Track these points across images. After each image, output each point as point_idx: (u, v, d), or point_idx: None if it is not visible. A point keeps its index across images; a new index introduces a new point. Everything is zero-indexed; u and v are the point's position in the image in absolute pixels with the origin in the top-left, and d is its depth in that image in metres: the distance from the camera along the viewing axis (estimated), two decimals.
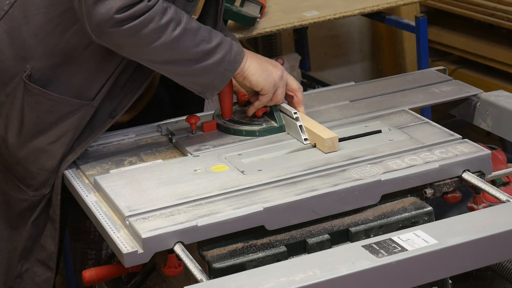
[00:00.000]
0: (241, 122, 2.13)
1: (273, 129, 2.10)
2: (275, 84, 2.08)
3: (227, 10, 2.77)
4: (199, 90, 2.02)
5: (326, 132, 2.00)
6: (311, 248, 1.77)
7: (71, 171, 2.04)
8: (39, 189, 2.06)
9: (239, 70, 2.02)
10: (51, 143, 2.03)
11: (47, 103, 2.01)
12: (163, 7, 1.90)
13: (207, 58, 1.95)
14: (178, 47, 1.92)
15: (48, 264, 2.12)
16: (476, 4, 3.95)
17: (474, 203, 1.95)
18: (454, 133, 2.05)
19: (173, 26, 1.90)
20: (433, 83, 2.40)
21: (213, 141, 2.08)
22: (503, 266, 2.05)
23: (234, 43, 2.02)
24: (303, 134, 2.04)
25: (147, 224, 1.72)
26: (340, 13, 3.03)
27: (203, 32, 1.96)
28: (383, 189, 1.85)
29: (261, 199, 1.79)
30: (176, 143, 2.11)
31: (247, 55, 2.04)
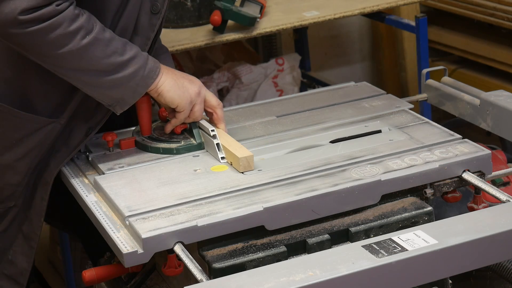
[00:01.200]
0: (159, 140, 2.08)
1: (192, 146, 2.05)
2: (191, 101, 2.02)
3: (227, 10, 2.77)
4: (108, 103, 1.96)
5: (242, 150, 1.95)
6: (311, 248, 1.77)
7: (71, 171, 2.04)
8: (4, 202, 2.05)
9: (153, 86, 1.97)
10: (18, 160, 2.01)
11: (13, 120, 1.98)
12: (74, 14, 1.84)
13: (118, 71, 1.90)
14: (87, 56, 1.86)
15: (18, 280, 2.09)
16: (476, 4, 3.95)
17: (474, 203, 1.94)
18: (454, 133, 2.05)
19: (82, 34, 1.84)
20: (365, 97, 2.34)
21: (128, 158, 2.04)
22: (503, 266, 2.05)
23: (150, 58, 1.97)
24: (220, 152, 2.00)
25: (147, 224, 1.72)
26: (340, 13, 3.03)
27: (116, 44, 1.90)
28: (383, 189, 1.85)
29: (261, 199, 1.79)
30: (91, 161, 2.06)
31: (162, 71, 1.98)
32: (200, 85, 2.05)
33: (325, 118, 2.22)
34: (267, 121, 2.23)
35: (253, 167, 1.93)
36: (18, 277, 2.09)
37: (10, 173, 2.02)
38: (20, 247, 2.08)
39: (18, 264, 2.08)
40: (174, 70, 2.05)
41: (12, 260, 2.09)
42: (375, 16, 3.40)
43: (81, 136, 2.04)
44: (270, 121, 2.23)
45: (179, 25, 2.95)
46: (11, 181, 2.03)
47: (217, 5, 2.77)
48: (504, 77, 3.98)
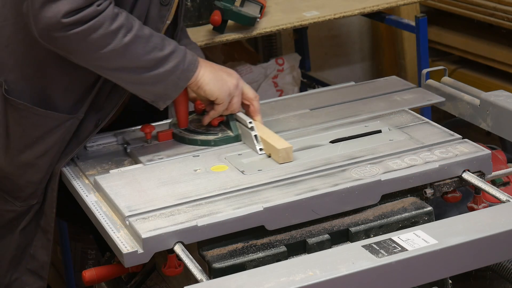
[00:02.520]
0: (196, 132, 2.10)
1: (229, 138, 2.07)
2: (230, 93, 2.04)
3: (227, 10, 2.77)
4: (151, 99, 1.98)
5: (280, 142, 1.97)
6: (311, 248, 1.77)
7: (71, 171, 2.04)
8: (27, 200, 2.06)
9: (193, 79, 1.99)
10: (38, 157, 2.01)
11: (33, 118, 1.99)
12: (114, 13, 1.86)
13: (159, 66, 1.92)
14: (129, 54, 1.88)
15: (40, 274, 2.10)
16: (476, 4, 3.95)
17: (474, 203, 1.94)
18: (454, 133, 2.05)
19: (123, 32, 1.86)
20: (396, 91, 2.37)
21: (167, 150, 2.06)
22: (503, 266, 2.05)
23: (188, 51, 1.99)
24: (258, 144, 2.01)
25: (147, 224, 1.72)
26: (340, 13, 3.03)
27: (156, 39, 1.92)
28: (383, 189, 1.85)
29: (261, 199, 1.79)
30: (130, 153, 2.08)
31: (201, 64, 2.00)
32: (238, 77, 2.08)
33: (358, 111, 2.24)
34: (301, 114, 2.25)
35: (292, 158, 1.94)
36: (40, 271, 2.11)
37: (31, 171, 2.03)
38: (40, 241, 2.09)
39: (39, 258, 2.10)
40: (212, 63, 2.07)
41: (33, 254, 2.10)
42: (375, 16, 3.40)
43: (91, 128, 2.05)
44: (304, 114, 2.25)
45: None
46: (33, 179, 2.04)
47: (217, 5, 2.77)
48: (504, 77, 3.98)
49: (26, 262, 2.11)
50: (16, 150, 2.02)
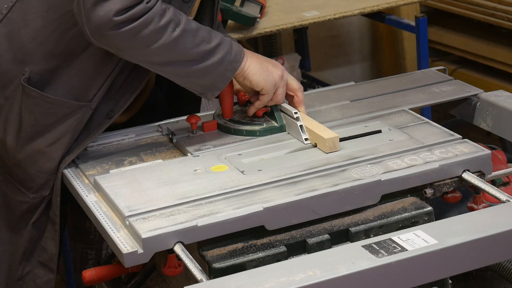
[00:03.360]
0: (241, 122, 2.13)
1: (274, 129, 2.10)
2: (275, 84, 2.08)
3: (227, 10, 2.77)
4: (200, 91, 2.02)
5: (327, 132, 2.00)
6: (311, 248, 1.77)
7: (71, 171, 2.04)
8: (39, 191, 2.06)
9: (240, 70, 2.02)
10: (50, 145, 2.02)
11: (44, 106, 2.00)
12: (162, 9, 1.89)
13: (207, 58, 1.95)
14: (178, 48, 1.91)
15: (49, 265, 2.11)
16: (476, 4, 3.95)
17: (474, 203, 1.95)
18: (454, 133, 2.05)
19: (172, 27, 1.90)
20: (434, 83, 2.39)
21: (213, 141, 2.08)
22: (503, 266, 2.05)
23: (234, 43, 2.02)
24: (304, 134, 2.04)
25: (147, 224, 1.72)
26: (340, 13, 3.03)
27: (203, 32, 1.95)
28: (383, 189, 1.85)
29: (261, 199, 1.79)
30: (176, 143, 2.10)
31: (247, 55, 2.04)
32: (283, 68, 2.10)
33: (398, 102, 2.26)
34: (342, 105, 2.28)
35: (339, 147, 1.96)
36: (49, 263, 2.11)
37: (43, 160, 2.04)
38: (49, 232, 2.10)
39: (49, 250, 2.11)
40: (257, 54, 2.09)
41: (44, 246, 2.11)
42: (375, 16, 3.41)
43: (102, 119, 2.05)
44: (345, 105, 2.27)
45: None
46: (44, 168, 2.04)
47: None
48: (504, 77, 3.99)
49: (37, 254, 2.12)
50: (27, 137, 2.03)
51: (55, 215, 2.07)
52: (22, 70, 2.01)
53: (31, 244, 2.11)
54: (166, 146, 2.12)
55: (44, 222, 2.10)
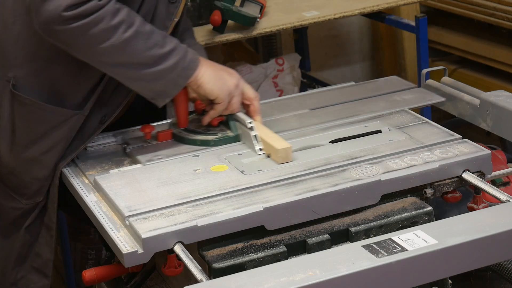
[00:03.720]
0: (196, 132, 2.10)
1: (228, 138, 2.07)
2: (230, 93, 2.04)
3: (227, 10, 2.77)
4: (150, 96, 1.98)
5: (280, 142, 1.96)
6: (311, 248, 1.77)
7: (70, 171, 2.04)
8: (32, 197, 2.06)
9: (193, 78, 1.98)
10: (44, 153, 2.02)
11: (38, 113, 1.99)
12: (115, 8, 1.86)
13: (160, 63, 1.92)
14: (129, 50, 1.89)
15: (44, 271, 2.11)
16: (476, 4, 3.95)
17: (474, 203, 1.95)
18: (454, 133, 2.05)
19: (124, 28, 1.87)
20: (397, 91, 2.37)
21: (166, 150, 2.05)
22: (503, 266, 2.05)
23: (189, 50, 1.99)
24: (258, 144, 2.01)
25: (147, 224, 1.72)
26: (340, 13, 3.02)
27: (157, 36, 1.92)
28: (383, 189, 1.85)
29: (261, 199, 1.79)
30: (129, 153, 2.08)
31: (202, 63, 2.00)
32: (238, 77, 2.08)
33: (358, 111, 2.24)
34: (301, 114, 2.25)
35: (292, 158, 1.94)
36: (44, 269, 2.11)
37: (37, 167, 2.03)
38: (44, 238, 2.10)
39: (43, 255, 2.10)
40: (212, 62, 2.07)
41: (38, 252, 2.11)
42: (375, 16, 3.40)
43: (95, 125, 2.05)
44: (304, 113, 2.25)
45: None
46: (39, 176, 2.04)
47: (217, 5, 2.77)
48: (504, 77, 3.98)
49: (31, 260, 2.11)
50: (21, 145, 2.03)
51: (51, 221, 2.07)
52: (5, 75, 2.00)
53: (24, 249, 2.10)
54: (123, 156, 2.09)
55: (37, 227, 2.09)
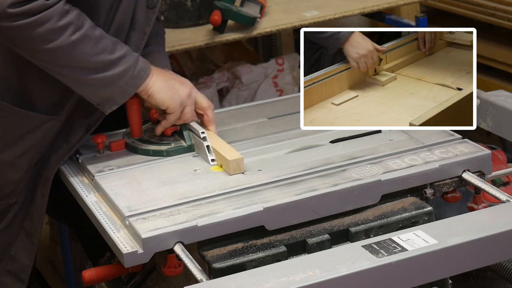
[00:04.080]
0: (149, 142, 2.07)
1: (182, 149, 2.04)
2: (182, 103, 2.02)
3: (227, 10, 2.77)
4: (97, 102, 1.95)
5: (232, 153, 1.94)
6: (311, 248, 1.77)
7: (70, 171, 2.04)
8: (5, 199, 2.05)
9: (143, 87, 1.96)
10: (18, 157, 2.01)
11: (12, 118, 1.98)
12: (63, 9, 1.83)
13: (107, 69, 1.89)
14: (76, 53, 1.86)
15: (20, 276, 2.09)
16: (476, 4, 3.95)
17: (474, 203, 1.94)
18: (454, 133, 2.05)
19: (71, 30, 1.84)
20: None
21: (118, 160, 2.03)
22: (503, 266, 2.05)
23: (141, 58, 1.96)
24: (210, 154, 1.99)
25: (147, 224, 1.72)
26: (340, 13, 3.02)
27: (106, 41, 1.90)
28: (383, 189, 1.85)
29: (261, 199, 1.79)
30: (81, 163, 2.05)
31: (153, 72, 1.97)
32: (190, 86, 2.05)
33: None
34: (258, 123, 2.22)
35: (243, 169, 1.92)
36: (20, 274, 2.09)
37: (11, 171, 2.02)
38: (22, 243, 2.08)
39: (20, 260, 2.09)
40: (164, 71, 2.04)
41: (14, 256, 2.09)
42: (375, 16, 3.40)
43: (82, 133, 2.04)
44: (261, 123, 2.22)
45: (179, 25, 2.95)
46: (13, 178, 2.03)
47: (217, 5, 2.77)
48: (504, 77, 3.98)
49: (6, 263, 2.09)
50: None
51: (35, 229, 2.06)
52: None
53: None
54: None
55: (15, 231, 2.08)
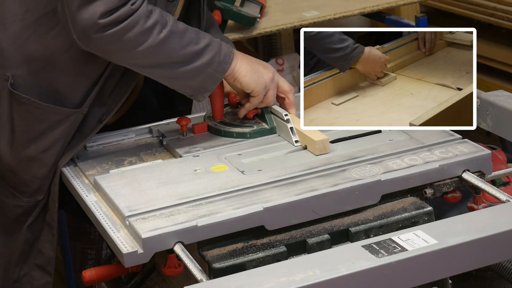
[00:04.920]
0: (232, 124, 2.12)
1: (264, 131, 2.09)
2: (266, 86, 2.06)
3: (227, 10, 2.77)
4: (190, 93, 2.00)
5: (317, 134, 1.99)
6: (311, 248, 1.77)
7: (70, 171, 2.04)
8: (33, 195, 2.06)
9: (230, 71, 2.00)
10: (43, 152, 2.02)
11: (36, 112, 2.00)
12: (148, 10, 1.88)
13: (196, 59, 1.93)
14: (165, 50, 1.90)
15: (46, 268, 2.11)
16: (476, 4, 3.95)
17: (474, 203, 1.95)
18: (454, 133, 2.05)
19: (158, 29, 1.88)
20: None
21: (203, 143, 2.07)
22: (503, 266, 2.05)
23: (223, 44, 2.00)
24: (294, 136, 2.03)
25: (147, 224, 1.72)
26: (340, 13, 3.03)
27: (190, 33, 1.94)
28: (383, 189, 1.85)
29: (261, 199, 1.79)
30: (166, 145, 2.09)
31: (237, 56, 2.02)
32: (273, 70, 2.09)
33: None
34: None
35: (329, 150, 1.95)
36: (46, 266, 2.11)
37: (36, 166, 2.03)
38: (46, 235, 2.10)
39: (45, 253, 2.11)
40: (247, 55, 2.08)
41: (40, 249, 2.11)
42: (375, 16, 3.40)
43: (94, 123, 2.05)
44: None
45: None
46: (38, 174, 2.04)
47: (217, 5, 2.77)
48: (504, 77, 3.99)
49: (34, 257, 2.12)
50: (20, 144, 2.03)
51: (52, 220, 2.07)
52: (3, 74, 2.00)
53: (26, 246, 2.11)
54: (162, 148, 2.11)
55: (40, 225, 2.10)
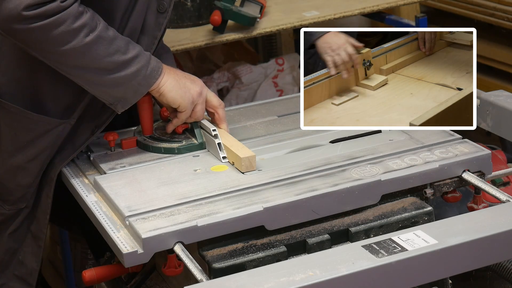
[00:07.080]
0: (160, 139, 2.09)
1: (193, 146, 2.06)
2: (193, 101, 2.02)
3: (227, 10, 2.77)
4: (110, 102, 1.96)
5: (244, 150, 1.95)
6: (311, 248, 1.77)
7: (70, 171, 2.04)
8: (16, 203, 2.06)
9: (155, 86, 1.96)
10: (29, 161, 2.01)
11: (24, 122, 1.99)
12: (78, 11, 1.84)
13: (121, 69, 1.90)
14: (90, 54, 1.86)
15: (28, 280, 2.10)
16: (476, 4, 3.95)
17: (474, 203, 1.95)
18: (454, 133, 2.05)
19: (86, 32, 1.84)
20: None
21: (130, 158, 2.04)
22: (503, 266, 2.05)
23: (153, 58, 1.97)
24: (222, 152, 2.00)
25: (147, 224, 1.72)
26: (340, 13, 3.03)
27: (120, 42, 1.90)
28: (383, 189, 1.85)
29: (261, 199, 1.79)
30: (93, 161, 2.06)
31: (164, 71, 1.98)
32: (201, 85, 2.05)
33: None
34: (268, 120, 2.23)
35: (255, 167, 1.93)
36: (27, 278, 2.09)
37: (22, 175, 2.03)
38: (30, 247, 2.08)
39: (28, 264, 2.09)
40: (176, 69, 2.05)
41: (22, 260, 2.09)
42: (375, 16, 3.40)
43: (87, 135, 2.04)
44: (271, 120, 2.23)
45: (179, 25, 2.95)
46: (22, 183, 2.03)
47: (217, 5, 2.77)
48: (504, 77, 3.98)
49: (13, 267, 2.09)
50: (7, 153, 2.02)
51: (41, 232, 2.06)
52: None
53: (6, 255, 2.09)
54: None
55: (22, 235, 2.08)
